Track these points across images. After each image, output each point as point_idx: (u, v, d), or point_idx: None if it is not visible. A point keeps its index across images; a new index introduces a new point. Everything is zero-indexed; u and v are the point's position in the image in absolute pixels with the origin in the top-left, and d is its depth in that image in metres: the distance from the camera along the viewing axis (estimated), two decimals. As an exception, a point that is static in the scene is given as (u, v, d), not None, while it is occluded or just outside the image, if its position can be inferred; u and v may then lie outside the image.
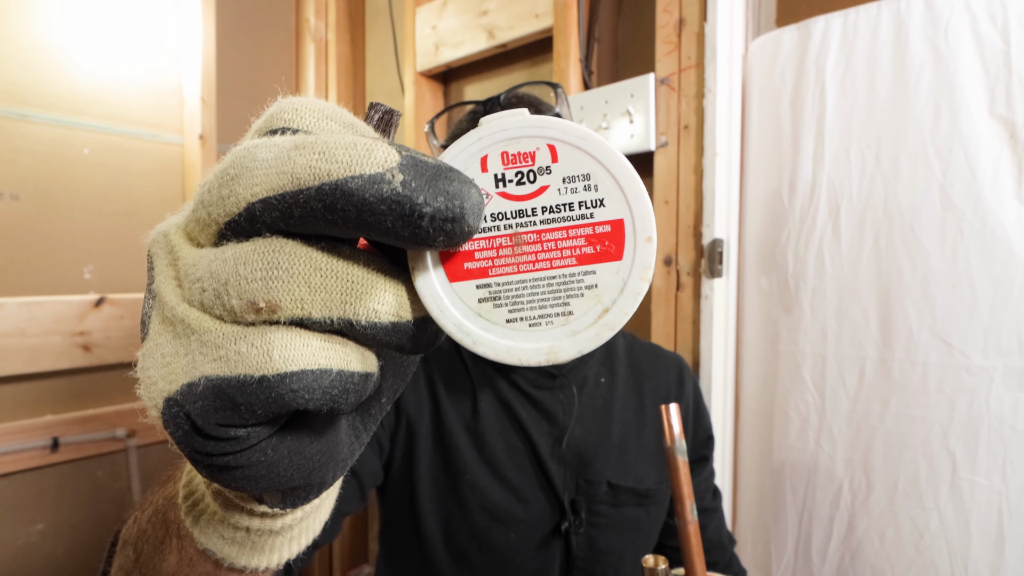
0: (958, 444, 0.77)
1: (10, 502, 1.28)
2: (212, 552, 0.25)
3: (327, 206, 0.16)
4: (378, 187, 0.16)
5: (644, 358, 0.77)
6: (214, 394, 0.16)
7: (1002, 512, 0.74)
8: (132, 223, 1.44)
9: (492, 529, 0.64)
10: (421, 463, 0.65)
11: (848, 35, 0.86)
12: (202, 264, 0.17)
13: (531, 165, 0.19)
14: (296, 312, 0.17)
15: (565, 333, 0.19)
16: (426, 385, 0.67)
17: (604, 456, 0.67)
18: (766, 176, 0.95)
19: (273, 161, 0.17)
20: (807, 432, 0.89)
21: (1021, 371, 0.73)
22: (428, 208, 0.16)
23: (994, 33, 0.76)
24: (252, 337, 0.17)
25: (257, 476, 0.18)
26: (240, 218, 0.17)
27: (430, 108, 1.50)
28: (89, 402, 1.38)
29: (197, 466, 0.18)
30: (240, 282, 0.17)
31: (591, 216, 0.19)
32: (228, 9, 1.60)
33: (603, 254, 0.19)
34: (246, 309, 0.17)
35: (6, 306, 1.22)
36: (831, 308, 0.86)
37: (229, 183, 0.17)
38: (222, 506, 0.24)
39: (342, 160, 0.16)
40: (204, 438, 0.17)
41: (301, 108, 0.19)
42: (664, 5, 1.01)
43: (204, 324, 0.17)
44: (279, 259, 0.17)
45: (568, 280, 0.19)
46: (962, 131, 0.77)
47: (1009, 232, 0.74)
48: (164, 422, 0.18)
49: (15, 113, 1.27)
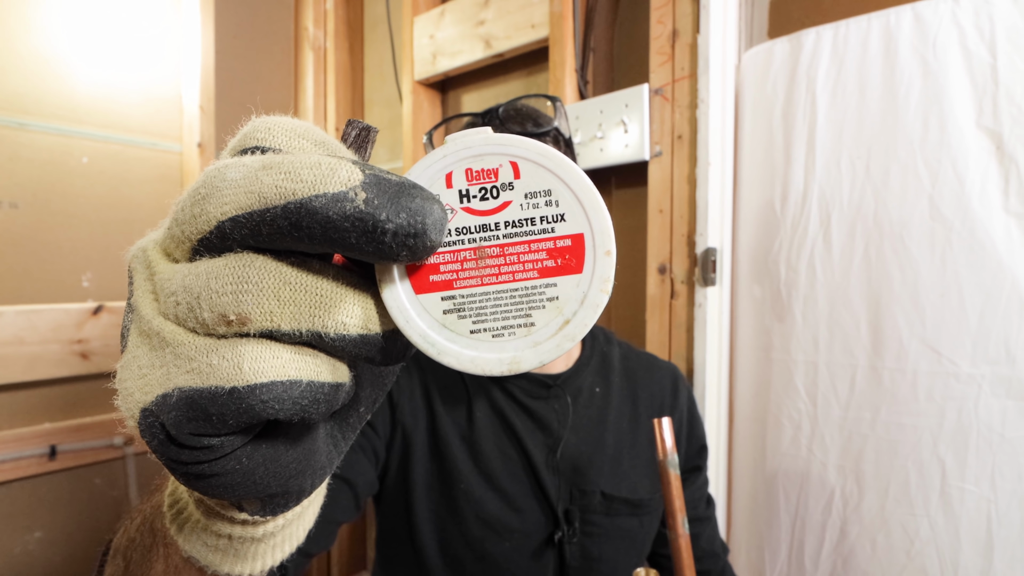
0: (948, 451, 0.78)
1: (7, 510, 1.28)
2: (196, 560, 0.25)
3: (293, 224, 0.17)
4: (341, 205, 0.17)
5: (639, 368, 0.77)
6: (187, 405, 0.17)
7: (991, 519, 0.75)
8: (131, 231, 1.45)
9: (487, 538, 0.64)
10: (417, 472, 0.65)
11: (839, 47, 0.87)
12: (176, 279, 0.18)
13: (494, 181, 0.20)
14: (266, 324, 0.17)
15: (527, 344, 0.20)
16: (422, 394, 0.67)
17: (598, 466, 0.68)
18: (759, 186, 0.96)
19: (241, 181, 0.17)
20: (799, 439, 0.89)
21: (1009, 379, 0.74)
22: (391, 224, 0.17)
23: (981, 46, 0.78)
24: (223, 350, 0.17)
25: (233, 484, 0.19)
26: (211, 235, 0.18)
27: (428, 116, 1.52)
28: (87, 410, 1.38)
29: (175, 474, 0.19)
30: (212, 296, 0.17)
31: (552, 231, 0.20)
32: (227, 18, 1.61)
33: (564, 267, 0.20)
34: (217, 322, 0.17)
35: (4, 314, 1.22)
36: (822, 316, 0.87)
37: (200, 202, 0.18)
38: (204, 514, 0.24)
39: (307, 179, 0.17)
40: (179, 447, 0.18)
41: (273, 127, 0.19)
42: (658, 17, 1.03)
43: (178, 337, 0.18)
44: (249, 273, 0.17)
45: (530, 292, 0.20)
46: (950, 143, 0.79)
47: (996, 242, 0.75)
48: (140, 431, 0.18)
49: (14, 122, 1.28)
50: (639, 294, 1.11)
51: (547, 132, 0.63)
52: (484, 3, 1.31)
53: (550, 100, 0.67)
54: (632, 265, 1.15)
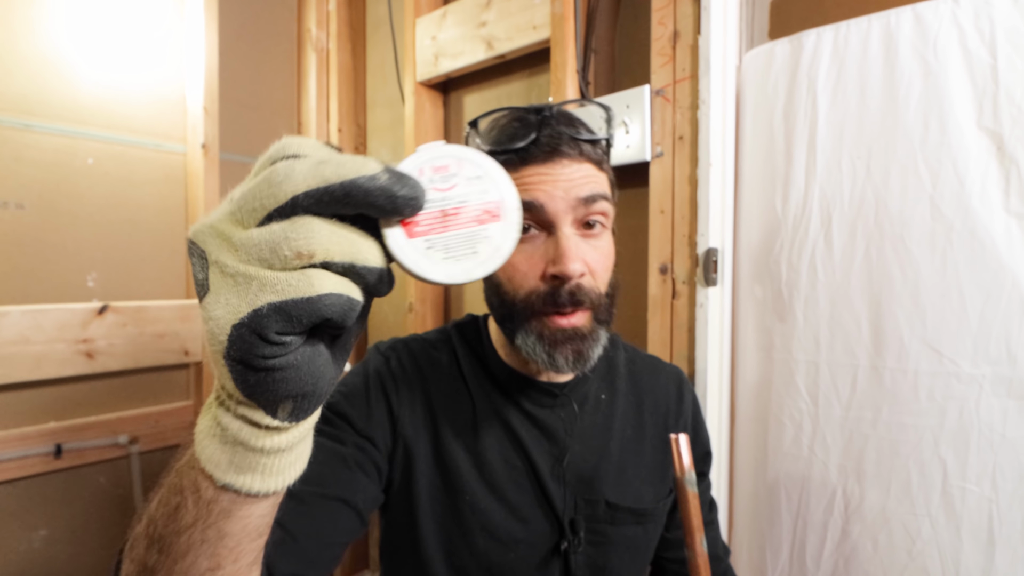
0: (949, 451, 0.78)
1: (13, 508, 1.29)
2: (231, 484, 0.31)
3: (346, 194, 0.26)
4: (374, 181, 0.27)
5: (644, 372, 0.76)
6: (276, 311, 0.25)
7: (992, 518, 0.76)
8: (135, 231, 1.46)
9: (492, 549, 0.63)
10: (420, 484, 0.64)
11: (839, 48, 0.88)
12: (256, 235, 0.26)
13: (447, 171, 0.31)
14: (324, 257, 0.26)
15: (476, 263, 0.31)
16: (423, 406, 0.66)
17: (603, 475, 0.67)
18: (760, 186, 0.96)
19: (308, 170, 0.26)
20: (801, 439, 0.90)
21: (1010, 379, 0.75)
22: (401, 193, 0.27)
23: (981, 47, 0.78)
24: (298, 275, 0.26)
25: (288, 377, 0.27)
26: (286, 206, 0.26)
27: (430, 117, 1.52)
28: (92, 409, 1.39)
29: (248, 374, 0.27)
30: (291, 240, 0.26)
31: (483, 197, 0.32)
32: (231, 19, 1.62)
33: (492, 218, 0.32)
34: (294, 257, 0.26)
35: (10, 314, 1.23)
36: (824, 316, 0.88)
37: (279, 184, 0.26)
38: (236, 439, 0.30)
39: (352, 168, 0.26)
40: (265, 343, 0.26)
41: (303, 142, 0.29)
42: (659, 18, 1.03)
43: (262, 273, 0.26)
44: (314, 225, 0.26)
45: (474, 234, 0.31)
46: (951, 143, 0.79)
47: (997, 242, 0.76)
48: (231, 341, 0.26)
49: (20, 123, 1.29)
50: (641, 294, 1.11)
51: (600, 140, 0.61)
52: (486, 5, 1.31)
53: (604, 108, 0.64)
54: (634, 265, 1.15)
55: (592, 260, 0.58)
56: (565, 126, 0.59)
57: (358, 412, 0.63)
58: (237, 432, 0.30)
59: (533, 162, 0.57)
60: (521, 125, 0.60)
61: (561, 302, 0.56)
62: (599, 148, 0.61)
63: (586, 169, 0.58)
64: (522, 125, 0.60)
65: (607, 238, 0.61)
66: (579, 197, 0.57)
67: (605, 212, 0.59)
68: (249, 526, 0.33)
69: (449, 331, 0.73)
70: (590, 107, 0.64)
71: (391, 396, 0.65)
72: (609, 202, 0.60)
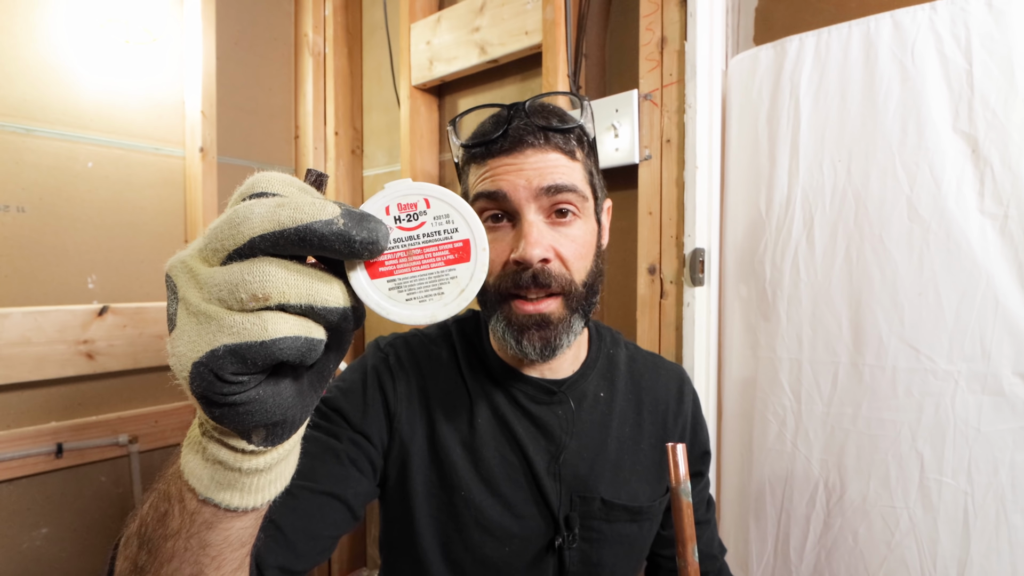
0: (926, 445, 0.80)
1: (15, 507, 1.31)
2: (211, 499, 0.32)
3: (300, 239, 0.26)
4: (330, 226, 0.27)
5: (645, 371, 0.76)
6: (231, 353, 0.26)
7: (968, 511, 0.78)
8: (134, 234, 1.48)
9: (487, 544, 0.64)
10: (416, 480, 0.65)
11: (821, 53, 0.90)
12: (218, 275, 0.27)
13: (415, 210, 0.31)
14: (280, 300, 0.27)
15: (440, 304, 0.31)
16: (420, 403, 0.67)
17: (599, 473, 0.67)
18: (745, 188, 0.98)
19: (266, 213, 0.27)
20: (784, 434, 0.92)
21: (984, 375, 0.77)
22: (358, 237, 0.28)
23: (957, 53, 0.80)
24: (254, 318, 0.26)
25: (252, 411, 0.28)
26: (244, 247, 0.27)
27: (425, 120, 1.55)
28: (92, 409, 1.41)
29: (212, 408, 0.27)
30: (247, 283, 0.26)
31: (451, 237, 0.32)
32: (228, 25, 1.64)
33: (459, 259, 0.32)
34: (249, 300, 0.26)
35: (12, 315, 1.25)
36: (806, 315, 0.90)
37: (237, 226, 0.27)
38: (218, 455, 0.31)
39: (309, 212, 0.27)
40: (221, 382, 0.26)
41: (272, 179, 0.29)
42: (647, 24, 1.05)
43: (220, 313, 0.26)
44: (270, 268, 0.27)
45: (440, 275, 0.31)
46: (927, 146, 0.81)
47: (972, 242, 0.78)
48: (191, 378, 0.27)
49: (21, 128, 1.31)
50: (630, 294, 1.14)
51: (571, 129, 0.61)
52: (479, 10, 1.34)
53: (577, 98, 0.64)
54: (623, 266, 1.17)
55: (561, 247, 0.59)
56: (536, 117, 0.60)
57: (354, 408, 0.64)
58: (216, 453, 0.31)
59: (500, 153, 0.59)
60: (494, 120, 0.62)
61: (524, 285, 0.58)
62: (571, 138, 0.61)
63: (553, 158, 0.59)
64: (495, 120, 0.62)
65: (581, 226, 0.61)
66: (541, 186, 0.57)
67: (573, 201, 0.59)
68: (231, 537, 0.34)
69: (450, 326, 0.73)
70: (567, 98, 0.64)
71: (388, 393, 0.66)
72: (577, 193, 0.59)
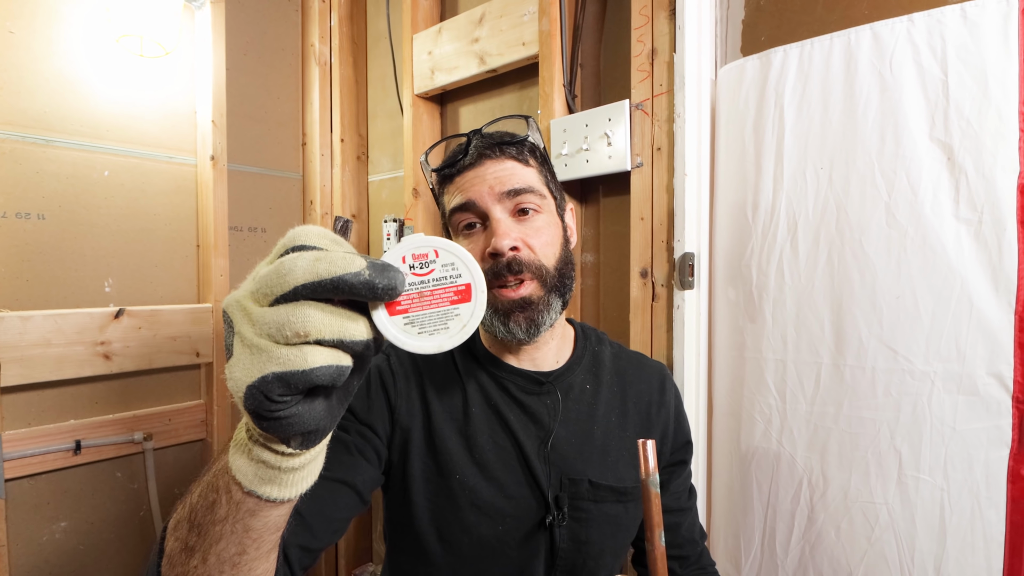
0: (904, 443, 0.83)
1: (35, 501, 1.37)
2: (254, 491, 0.38)
3: (335, 287, 0.32)
4: (358, 276, 0.33)
5: (629, 366, 0.83)
6: (278, 379, 0.32)
7: (944, 507, 0.81)
8: (149, 240, 1.54)
9: (482, 523, 0.70)
10: (414, 466, 0.71)
11: (804, 64, 0.93)
12: (268, 315, 0.33)
13: (426, 259, 0.38)
14: (317, 336, 0.32)
15: (445, 337, 0.37)
16: (419, 396, 0.74)
17: (586, 456, 0.73)
18: (733, 194, 1.02)
19: (307, 266, 0.32)
20: (770, 433, 0.95)
21: (959, 375, 0.80)
22: (380, 284, 0.34)
23: (934, 63, 0.83)
24: (296, 351, 0.32)
25: (292, 423, 0.34)
26: (289, 293, 0.32)
27: (427, 128, 1.59)
28: (109, 407, 1.47)
29: (261, 421, 0.34)
30: (291, 323, 0.32)
31: (455, 282, 0.38)
32: (237, 36, 1.70)
33: (462, 300, 0.38)
34: (293, 336, 0.32)
35: (33, 318, 1.31)
36: (790, 317, 0.93)
37: (283, 276, 0.32)
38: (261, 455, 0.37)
39: (341, 266, 0.33)
40: (269, 401, 0.33)
41: (309, 233, 0.35)
42: (638, 36, 1.09)
43: (270, 347, 0.32)
44: (309, 311, 0.32)
45: (446, 313, 0.38)
46: (905, 154, 0.84)
47: (947, 247, 0.81)
48: (245, 398, 0.33)
49: (41, 139, 1.37)
50: (624, 297, 1.17)
51: (521, 141, 0.72)
52: (478, 22, 1.38)
53: (524, 119, 0.75)
54: (617, 269, 1.21)
55: (528, 237, 0.69)
56: (491, 137, 0.72)
57: (360, 404, 0.71)
58: (260, 455, 0.37)
59: (465, 170, 0.70)
60: (457, 146, 0.73)
61: (502, 274, 0.67)
62: (524, 149, 0.72)
63: (509, 166, 0.70)
64: (458, 146, 0.73)
65: (544, 220, 0.71)
66: (503, 190, 0.68)
67: (533, 200, 0.70)
68: (269, 523, 0.41)
69: None
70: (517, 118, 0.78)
71: (389, 389, 0.73)
72: (534, 192, 0.70)
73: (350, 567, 1.82)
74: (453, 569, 0.71)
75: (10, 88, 1.32)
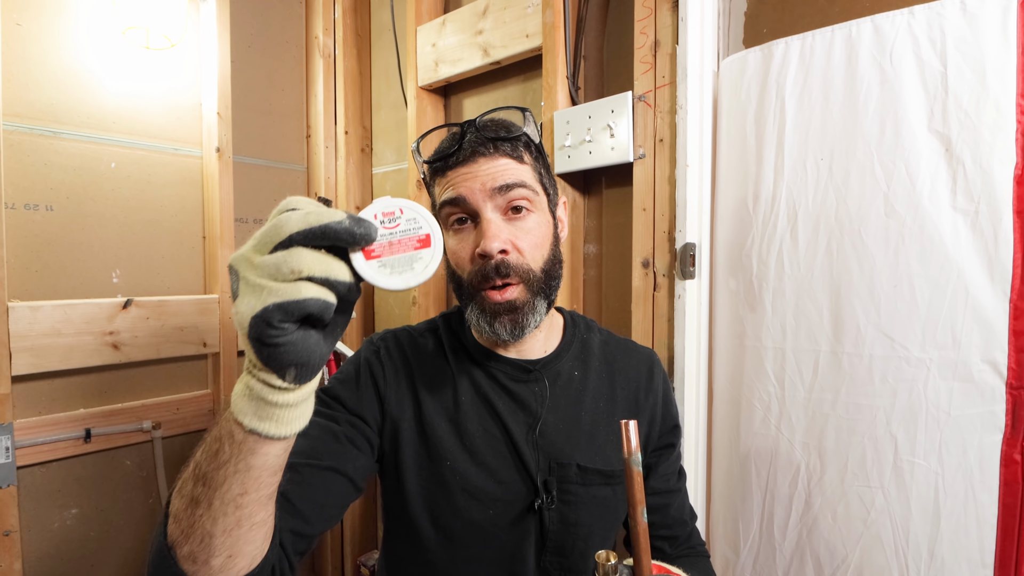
0: (900, 429, 0.85)
1: (47, 488, 1.40)
2: (255, 429, 0.42)
3: (322, 233, 0.39)
4: (341, 225, 0.40)
5: (618, 352, 0.85)
6: (277, 308, 0.37)
7: (938, 490, 0.83)
8: (156, 231, 1.56)
9: (473, 508, 0.72)
10: (406, 453, 0.73)
11: (805, 56, 0.94)
12: (268, 259, 0.38)
13: (393, 216, 0.45)
14: (308, 273, 0.38)
15: (411, 276, 0.44)
16: (408, 385, 0.76)
17: (574, 441, 0.75)
18: (734, 185, 1.03)
19: (299, 217, 0.39)
20: (769, 419, 0.97)
21: (955, 362, 0.81)
22: (358, 232, 0.40)
23: (933, 56, 0.84)
24: (292, 285, 0.38)
25: (288, 350, 0.39)
26: (284, 241, 0.38)
27: (431, 120, 1.60)
28: (118, 396, 1.49)
29: (262, 347, 0.39)
30: (287, 262, 0.38)
31: (417, 232, 0.45)
32: (242, 28, 1.71)
33: (423, 246, 0.45)
34: (289, 273, 0.38)
35: (43, 308, 1.33)
36: (790, 306, 0.95)
37: (279, 228, 0.39)
38: (260, 392, 0.42)
39: (327, 217, 0.39)
40: (271, 328, 0.38)
41: (299, 200, 0.42)
42: (641, 28, 1.10)
43: (270, 284, 0.38)
44: (302, 253, 0.38)
45: (411, 257, 0.44)
46: (904, 145, 0.85)
47: (944, 237, 0.82)
48: (250, 326, 0.38)
49: (49, 131, 1.38)
50: (626, 287, 1.19)
51: (516, 137, 0.71)
52: (482, 14, 1.39)
53: (521, 111, 0.74)
54: (620, 260, 1.23)
55: (518, 239, 0.69)
56: (485, 131, 0.70)
57: (350, 394, 0.73)
58: (259, 391, 0.42)
59: (457, 165, 0.69)
60: (451, 137, 0.73)
61: (490, 276, 0.68)
62: (518, 145, 0.71)
63: (503, 163, 0.69)
64: (450, 138, 0.72)
65: (535, 219, 0.71)
66: (494, 187, 0.68)
67: (526, 196, 0.70)
68: (268, 462, 0.45)
69: (437, 320, 0.84)
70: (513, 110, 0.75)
71: (379, 380, 0.75)
72: (527, 188, 0.70)
73: (355, 554, 1.85)
74: (446, 552, 0.73)
75: (18, 80, 1.33)
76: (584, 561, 0.75)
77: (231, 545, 0.46)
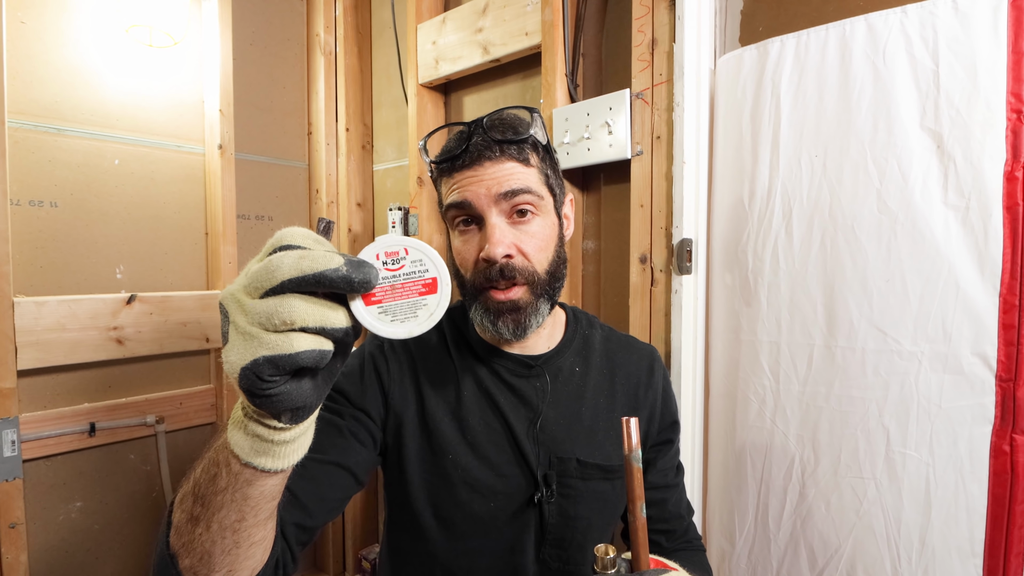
0: (892, 421, 0.86)
1: (52, 482, 1.41)
2: (250, 463, 0.42)
3: (317, 281, 0.37)
4: (337, 273, 0.37)
5: (618, 349, 0.85)
6: (268, 362, 0.36)
7: (929, 481, 0.84)
8: (159, 227, 1.57)
9: (474, 501, 0.73)
10: (409, 447, 0.74)
11: (800, 55, 0.96)
12: (259, 306, 0.37)
13: (397, 256, 0.42)
14: (301, 324, 0.36)
15: (415, 324, 0.42)
16: (411, 381, 0.77)
17: (574, 437, 0.76)
18: (730, 182, 1.04)
19: (292, 263, 0.37)
20: (764, 412, 0.99)
21: (945, 356, 0.83)
22: (356, 279, 0.38)
23: (925, 54, 0.85)
24: (283, 337, 0.36)
25: (282, 400, 0.38)
26: (276, 287, 0.36)
27: (431, 117, 1.61)
28: (122, 391, 1.51)
29: (254, 398, 0.38)
30: (279, 312, 0.36)
31: (423, 276, 0.42)
32: (244, 26, 1.72)
33: (429, 291, 0.42)
34: (281, 324, 0.36)
35: (48, 303, 1.35)
36: (784, 301, 0.96)
37: (272, 272, 0.36)
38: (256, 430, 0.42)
39: (323, 263, 0.37)
40: (261, 381, 0.37)
41: (294, 234, 0.39)
42: (639, 26, 1.11)
43: (260, 334, 0.36)
44: (295, 302, 0.36)
45: (415, 303, 0.42)
46: (896, 142, 0.87)
47: (936, 233, 0.84)
48: (240, 378, 0.36)
49: (53, 128, 1.40)
50: (624, 282, 1.20)
51: (525, 139, 0.70)
52: (482, 12, 1.40)
53: (529, 111, 0.74)
54: (618, 255, 1.24)
55: (522, 243, 0.69)
56: (496, 132, 0.69)
57: (354, 388, 0.74)
58: (255, 429, 0.41)
59: (463, 168, 0.69)
60: (457, 139, 0.72)
61: (494, 278, 0.68)
62: (525, 147, 0.71)
63: (509, 167, 0.69)
64: (457, 139, 0.72)
65: (540, 223, 0.71)
66: (500, 192, 0.68)
67: (531, 201, 0.69)
68: (265, 492, 0.45)
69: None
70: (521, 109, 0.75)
71: (383, 375, 0.76)
72: (532, 193, 0.69)
73: (357, 548, 1.87)
74: (448, 544, 0.74)
75: (22, 78, 1.35)
76: (583, 554, 0.76)
77: (230, 563, 0.47)
